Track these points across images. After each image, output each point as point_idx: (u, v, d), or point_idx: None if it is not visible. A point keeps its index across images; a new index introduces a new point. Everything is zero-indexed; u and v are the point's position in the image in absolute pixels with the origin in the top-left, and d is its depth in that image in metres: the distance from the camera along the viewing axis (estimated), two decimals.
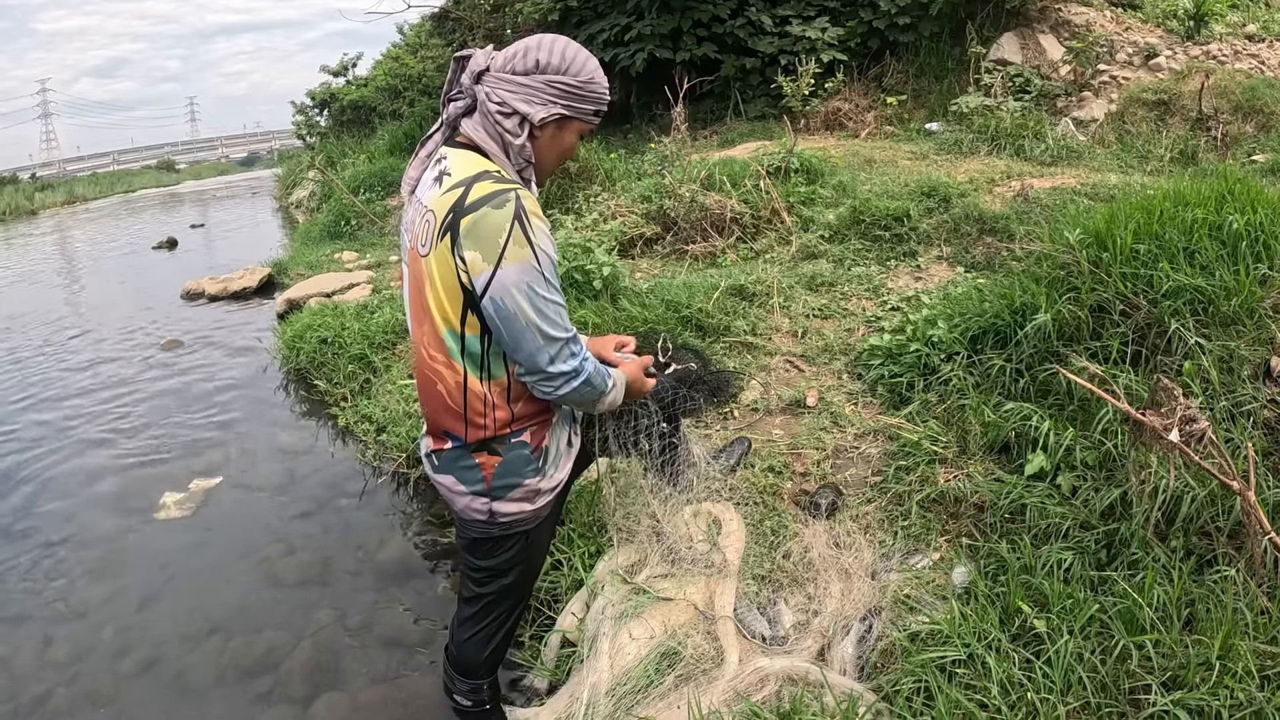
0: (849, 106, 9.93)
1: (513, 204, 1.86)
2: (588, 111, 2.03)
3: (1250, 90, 7.90)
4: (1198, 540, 2.44)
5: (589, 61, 2.00)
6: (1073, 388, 3.00)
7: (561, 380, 2.00)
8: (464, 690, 2.56)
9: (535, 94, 1.96)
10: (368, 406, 5.06)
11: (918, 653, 2.23)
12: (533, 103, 1.96)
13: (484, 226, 1.84)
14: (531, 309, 1.89)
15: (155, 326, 8.44)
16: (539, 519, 2.28)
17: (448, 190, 1.92)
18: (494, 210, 1.84)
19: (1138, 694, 2.04)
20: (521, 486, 2.19)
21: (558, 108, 1.98)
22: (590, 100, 2.01)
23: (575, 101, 1.99)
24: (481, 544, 2.29)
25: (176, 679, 3.15)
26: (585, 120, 2.05)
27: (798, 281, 4.99)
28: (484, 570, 2.34)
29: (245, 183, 31.99)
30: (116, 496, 4.68)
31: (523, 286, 1.87)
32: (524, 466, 2.18)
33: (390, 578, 3.69)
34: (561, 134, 2.04)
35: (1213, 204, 3.36)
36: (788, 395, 3.85)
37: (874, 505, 3.08)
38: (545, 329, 1.92)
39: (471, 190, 1.88)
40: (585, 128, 2.09)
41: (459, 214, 1.87)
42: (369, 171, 12.34)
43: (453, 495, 2.24)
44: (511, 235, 1.84)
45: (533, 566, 2.42)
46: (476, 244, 1.86)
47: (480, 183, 1.89)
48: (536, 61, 1.95)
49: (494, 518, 2.21)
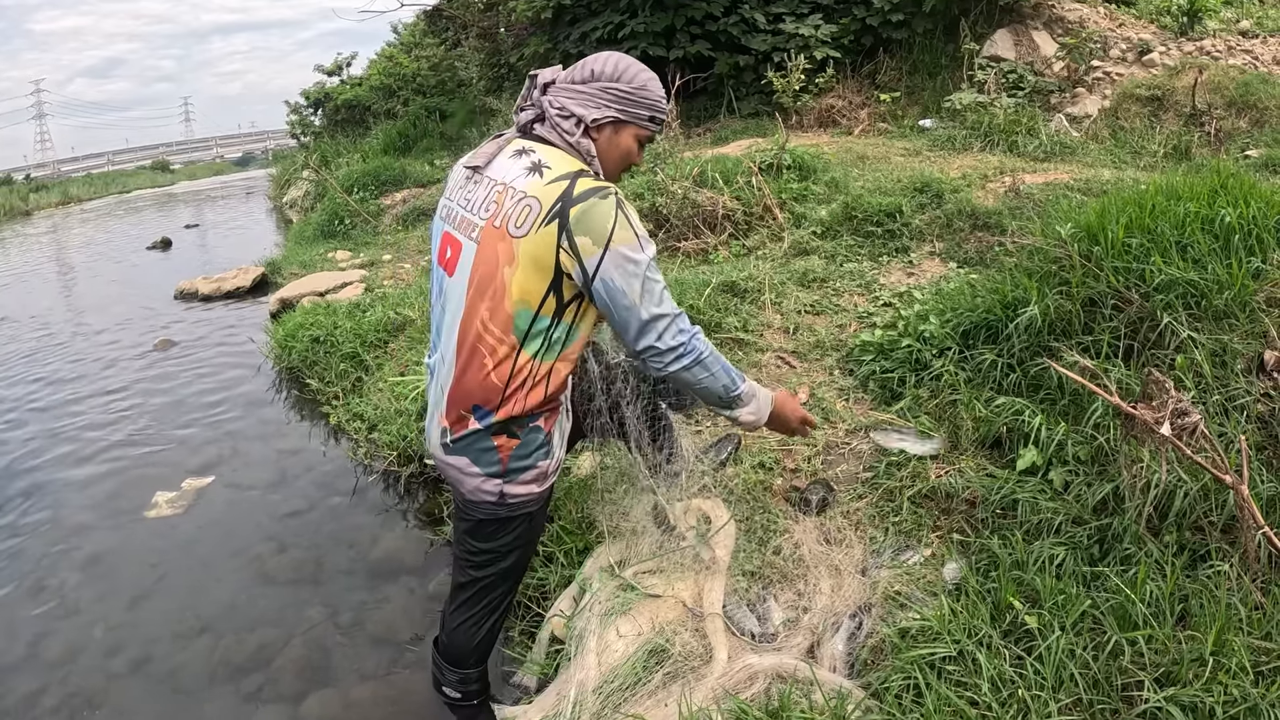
0: (842, 103, 9.92)
1: (614, 196, 2.05)
2: (642, 117, 2.21)
3: (1244, 86, 7.89)
4: (1191, 535, 2.42)
5: (642, 73, 2.21)
6: (1064, 382, 2.99)
7: (671, 356, 2.13)
8: (453, 681, 2.58)
9: (590, 99, 2.17)
10: (359, 405, 5.06)
11: (908, 649, 2.21)
12: (588, 106, 2.17)
13: (594, 215, 2.02)
14: (639, 285, 2.06)
15: (148, 326, 8.44)
16: (542, 500, 2.35)
17: (551, 181, 2.07)
18: (600, 200, 2.03)
19: (1130, 690, 2.03)
20: (534, 469, 2.26)
21: (610, 111, 2.18)
22: (643, 106, 2.20)
23: (628, 106, 2.18)
24: (486, 525, 2.33)
25: (168, 677, 3.14)
26: (640, 125, 2.23)
27: (790, 278, 4.98)
28: (484, 553, 2.37)
29: (240, 183, 31.99)
30: (108, 496, 4.67)
31: (628, 265, 2.04)
32: (537, 449, 2.24)
33: (381, 575, 3.69)
34: (618, 137, 2.22)
35: (1205, 198, 3.35)
36: None
37: (865, 501, 3.07)
38: (651, 305, 2.08)
39: (577, 184, 2.05)
40: (642, 133, 2.25)
41: (568, 203, 2.03)
42: (363, 171, 12.34)
43: (464, 477, 2.27)
44: (617, 222, 2.03)
45: (530, 550, 2.46)
46: (587, 230, 2.02)
47: (584, 179, 2.07)
48: (592, 71, 2.18)
49: (504, 499, 2.26)
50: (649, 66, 2.26)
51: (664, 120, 2.30)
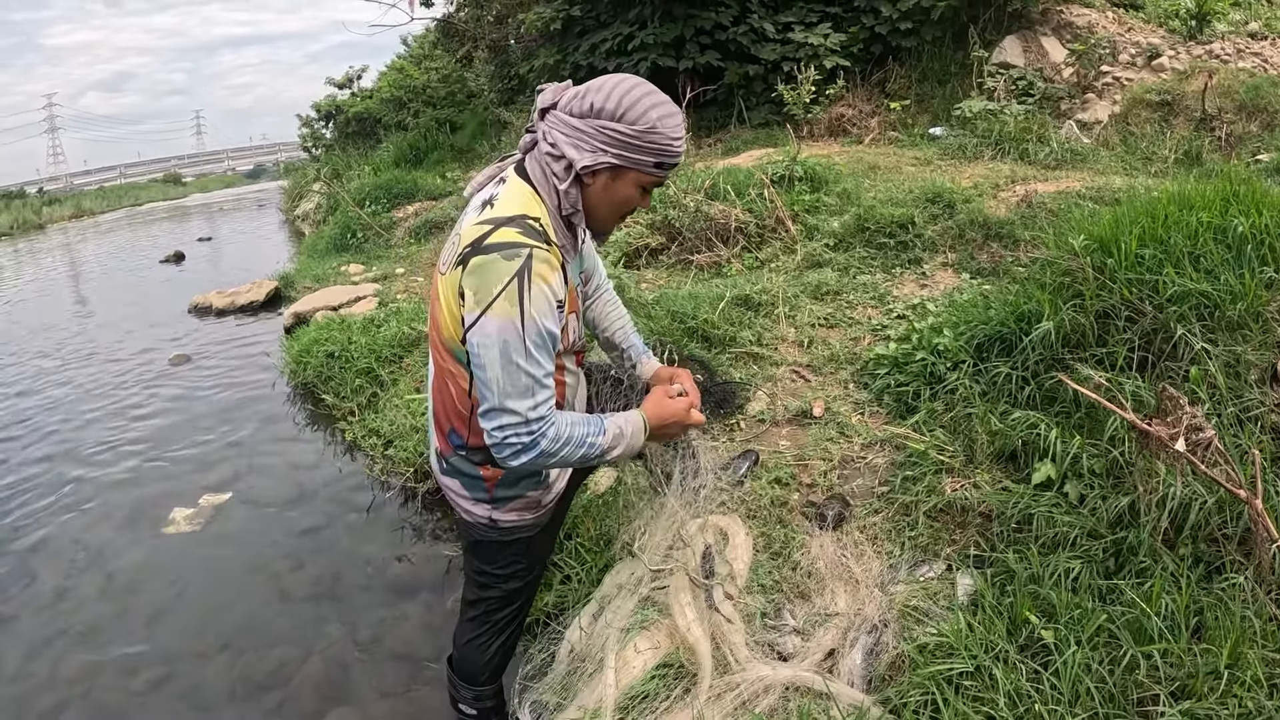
0: (852, 112, 9.92)
1: (522, 260, 1.81)
2: (646, 163, 1.89)
3: (1254, 89, 7.86)
4: (1205, 548, 2.41)
5: (651, 110, 1.85)
6: (1079, 396, 2.98)
7: (509, 452, 1.92)
8: (468, 699, 2.59)
9: (585, 139, 1.87)
10: (375, 421, 5.09)
11: (925, 665, 2.22)
12: (581, 148, 1.87)
13: (488, 271, 1.82)
14: (500, 368, 1.85)
15: (163, 342, 8.50)
16: (539, 526, 2.31)
17: (480, 222, 1.89)
18: (503, 260, 1.81)
19: (1146, 704, 2.02)
20: (523, 498, 2.22)
21: (607, 156, 1.87)
22: (649, 151, 1.87)
23: (628, 151, 1.86)
24: (484, 547, 2.32)
25: (188, 695, 3.17)
26: (644, 171, 1.91)
27: (803, 290, 4.99)
28: (486, 574, 2.38)
29: (252, 195, 32.14)
30: (126, 512, 4.71)
31: (499, 342, 1.83)
32: (525, 479, 2.19)
33: (399, 592, 3.71)
34: (615, 184, 1.93)
35: (1217, 207, 3.33)
36: (794, 406, 3.84)
37: (881, 516, 3.07)
38: (506, 395, 1.87)
39: (495, 233, 1.84)
40: (646, 179, 1.94)
41: (475, 250, 1.85)
42: (374, 184, 12.37)
43: (457, 499, 2.27)
44: (506, 290, 1.81)
45: (534, 572, 2.44)
46: (476, 286, 1.84)
47: (508, 228, 1.85)
48: (591, 105, 1.86)
49: (495, 524, 2.24)
50: (659, 77, 2.04)
51: (676, 164, 1.96)
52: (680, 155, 1.95)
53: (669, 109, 1.88)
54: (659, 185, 2.02)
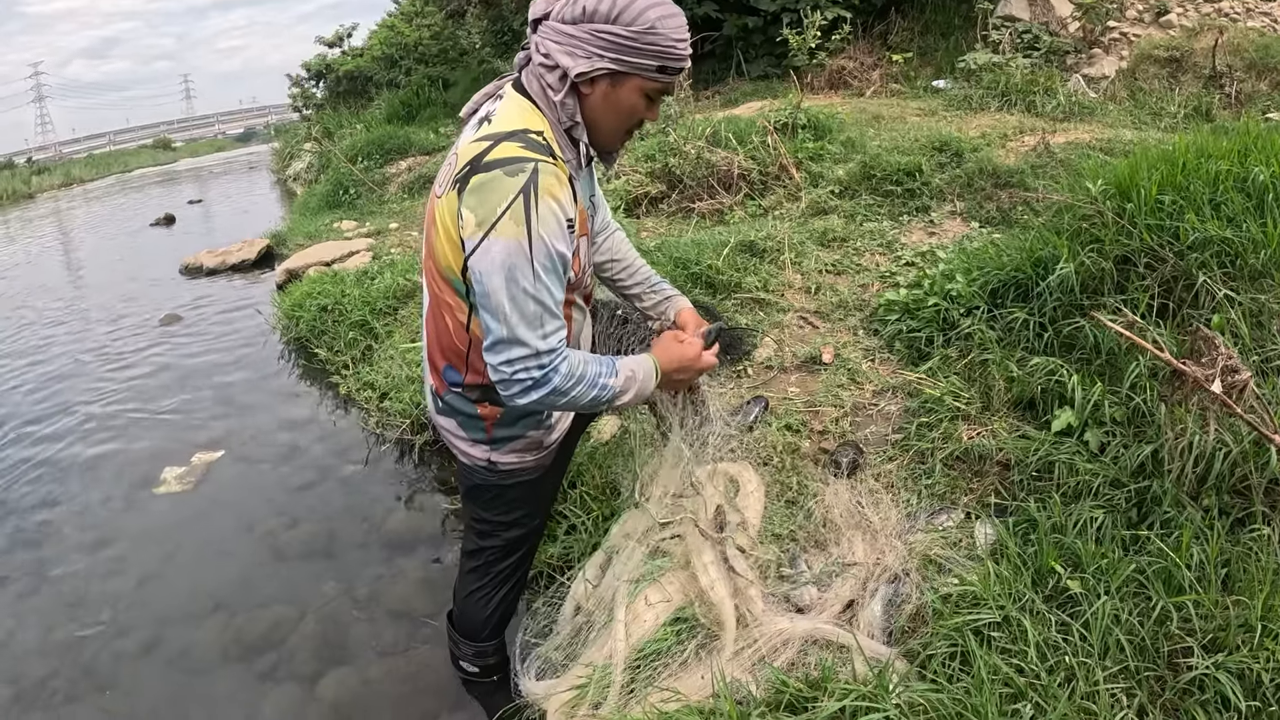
0: (854, 65, 9.74)
1: (527, 175, 1.71)
2: (647, 67, 1.78)
3: (1264, 48, 7.73)
4: (1230, 499, 2.33)
5: (651, 10, 1.74)
6: (1100, 341, 2.90)
7: (518, 388, 1.83)
8: (469, 655, 2.53)
9: (579, 46, 1.76)
10: (370, 373, 5.00)
11: (950, 616, 2.13)
12: (575, 55, 1.77)
13: (489, 190, 1.72)
14: (506, 295, 1.75)
15: (153, 302, 8.39)
16: (541, 469, 2.21)
17: (478, 139, 1.79)
18: (506, 176, 1.71)
19: (1177, 657, 1.95)
20: (523, 438, 2.12)
21: (604, 62, 1.76)
22: (649, 54, 1.76)
23: (627, 55, 1.75)
24: (483, 492, 2.23)
25: (180, 658, 3.09)
26: (646, 77, 1.80)
27: (809, 237, 4.89)
28: (487, 521, 2.29)
29: (243, 158, 31.87)
30: (116, 473, 4.63)
31: (504, 268, 1.74)
32: (525, 418, 2.09)
33: (397, 547, 3.63)
34: (616, 92, 1.82)
35: (1236, 156, 3.26)
36: (803, 352, 3.77)
37: (896, 463, 2.99)
38: (514, 325, 1.77)
39: (496, 149, 1.75)
40: (650, 86, 1.83)
41: (474, 169, 1.74)
42: (367, 140, 12.27)
43: (454, 440, 2.17)
44: (511, 208, 1.71)
45: (537, 520, 2.35)
46: (477, 206, 1.74)
47: (508, 142, 1.75)
48: (584, 9, 1.75)
49: (493, 466, 2.14)
50: None
51: (681, 68, 1.83)
52: (685, 59, 1.82)
53: (669, 8, 1.77)
54: (666, 93, 1.89)
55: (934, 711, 1.84)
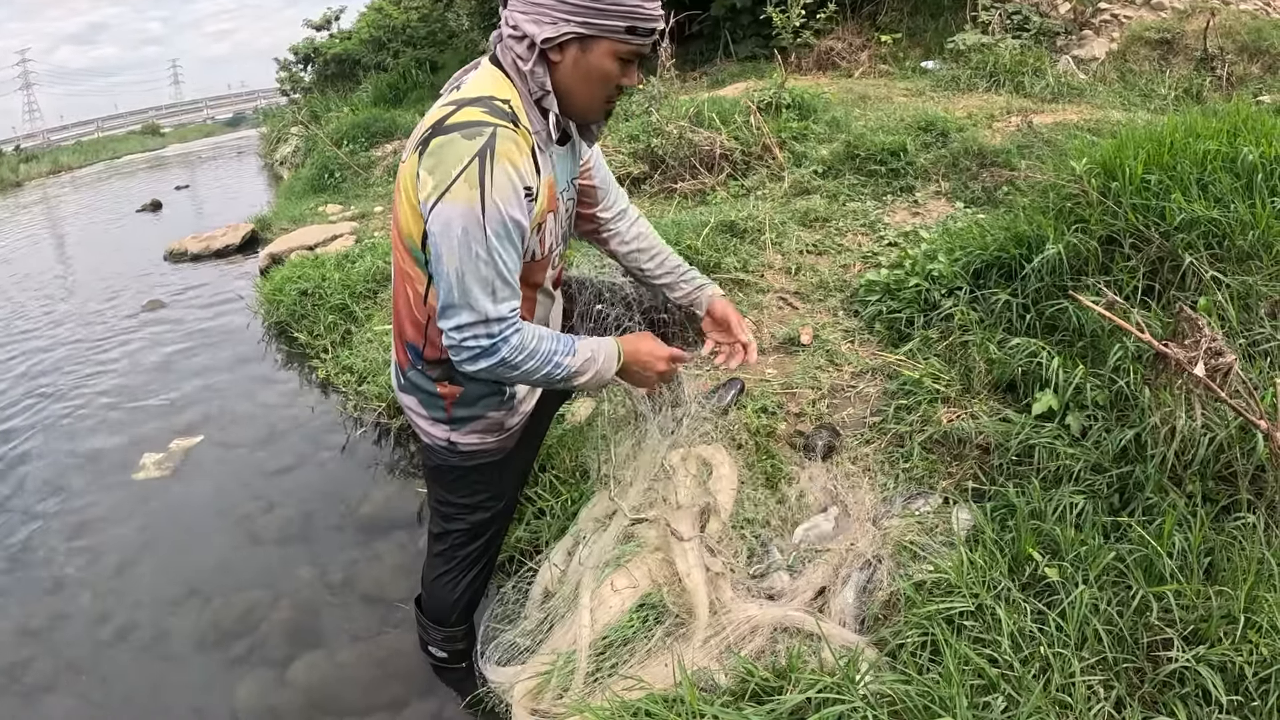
0: (842, 45, 9.67)
1: (484, 139, 1.69)
2: (616, 29, 1.73)
3: (1256, 31, 7.69)
4: (1215, 485, 2.30)
5: None
6: (1083, 323, 2.87)
7: (466, 355, 1.80)
8: (438, 640, 2.51)
9: (544, 12, 1.73)
10: (349, 357, 4.95)
11: (923, 603, 2.09)
12: (541, 22, 1.73)
13: (447, 151, 1.69)
14: (459, 259, 1.72)
15: (137, 287, 8.31)
16: (504, 451, 2.17)
17: (446, 103, 1.79)
18: (463, 139, 1.69)
19: (1157, 649, 1.91)
20: (483, 419, 2.08)
21: (570, 26, 1.72)
22: (615, 14, 1.71)
23: (593, 17, 1.71)
24: (445, 474, 2.20)
25: (155, 644, 3.06)
26: (616, 39, 1.75)
27: (790, 217, 4.84)
28: (451, 505, 2.26)
29: (232, 143, 31.72)
30: (95, 458, 4.58)
31: (456, 231, 1.71)
32: (486, 398, 2.05)
33: (372, 531, 3.60)
34: (587, 57, 1.77)
35: (1225, 136, 3.22)
36: (781, 333, 3.73)
37: (873, 447, 2.95)
38: (465, 289, 1.74)
39: (459, 112, 1.73)
40: (622, 48, 1.77)
41: (435, 131, 1.72)
42: (353, 123, 12.16)
43: (415, 418, 2.15)
44: (465, 171, 1.68)
45: (501, 503, 2.31)
46: (434, 167, 1.71)
47: (471, 107, 1.73)
48: None
49: (454, 446, 2.11)
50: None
51: (652, 29, 1.78)
52: (656, 19, 1.78)
53: None
54: (640, 55, 1.84)
55: (902, 703, 1.79)
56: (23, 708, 2.82)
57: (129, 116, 58.37)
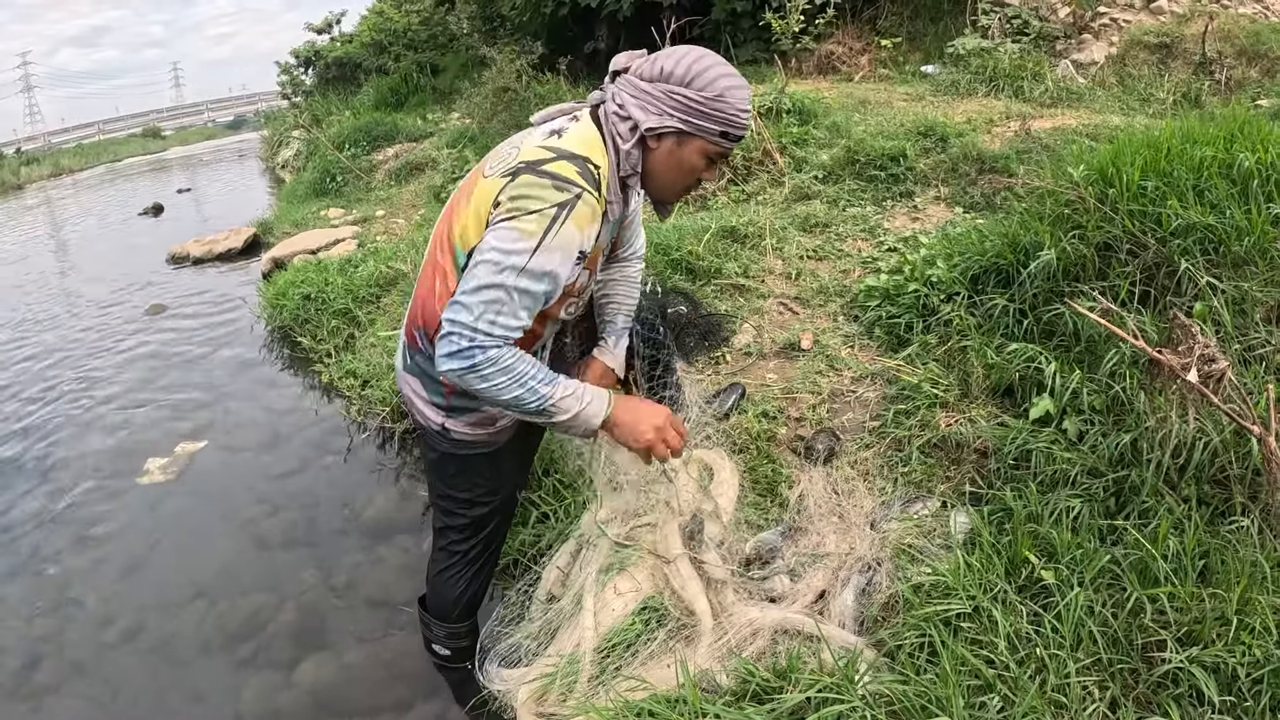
0: (842, 50, 9.70)
1: (569, 197, 1.82)
2: (711, 131, 1.90)
3: (1255, 35, 7.71)
4: (1210, 489, 2.33)
5: (720, 79, 1.87)
6: (1079, 328, 2.89)
7: (445, 348, 1.84)
8: (441, 637, 2.57)
9: (652, 102, 1.89)
10: (352, 362, 4.97)
11: (921, 605, 2.13)
12: (647, 110, 1.90)
13: (534, 191, 1.82)
14: (487, 270, 1.82)
15: (140, 292, 8.32)
16: (495, 445, 2.24)
17: (545, 146, 1.90)
18: (552, 188, 1.82)
19: (1151, 650, 1.95)
20: (478, 412, 2.16)
21: (672, 120, 1.89)
22: (714, 119, 1.88)
23: (694, 117, 1.87)
24: (442, 465, 2.28)
25: (161, 647, 3.09)
26: (710, 140, 1.91)
27: (791, 223, 4.87)
28: (449, 499, 2.34)
29: (233, 146, 31.71)
30: (100, 463, 4.60)
31: (502, 252, 1.81)
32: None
33: (376, 535, 3.63)
34: (681, 150, 1.93)
35: (1222, 142, 3.24)
36: (782, 338, 3.76)
37: (872, 451, 2.98)
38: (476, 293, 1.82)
39: (555, 163, 1.85)
40: (711, 148, 1.94)
41: (530, 169, 1.85)
42: (354, 126, 12.18)
43: (414, 398, 2.22)
44: (539, 214, 1.80)
45: (498, 499, 2.37)
46: (515, 197, 1.83)
47: (569, 163, 1.86)
48: (662, 69, 1.89)
49: (447, 432, 2.18)
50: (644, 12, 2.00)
51: (741, 136, 1.96)
52: (746, 128, 1.95)
53: (738, 80, 1.90)
54: (724, 157, 2.01)
55: (900, 703, 1.83)
56: (30, 710, 2.85)
57: (130, 119, 58.14)
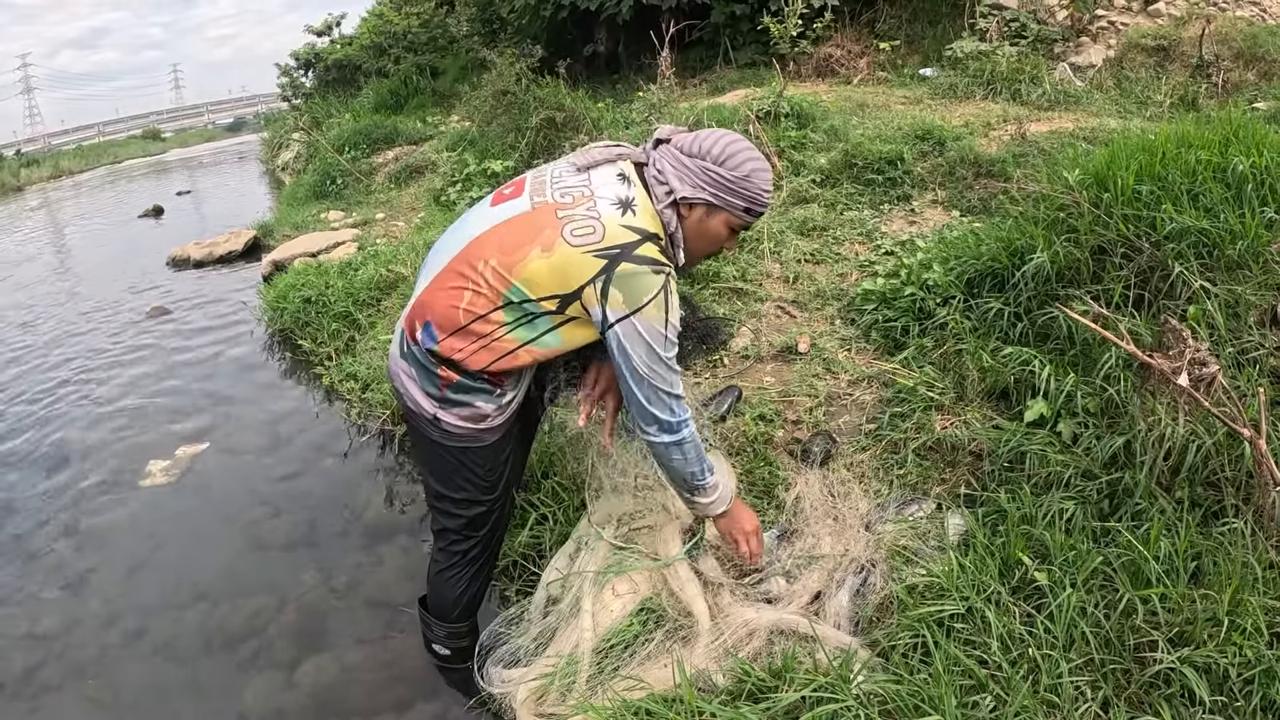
0: (841, 53, 9.72)
1: (664, 277, 2.06)
2: (737, 206, 2.15)
3: (1252, 38, 7.72)
4: (1203, 491, 2.35)
5: (749, 161, 2.12)
6: (1074, 331, 2.91)
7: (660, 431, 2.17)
8: (441, 637, 2.63)
9: (689, 174, 2.12)
10: (352, 365, 5.00)
11: (915, 606, 2.15)
12: (684, 180, 2.13)
13: (640, 281, 2.03)
14: (646, 358, 2.08)
15: (140, 294, 8.33)
16: (483, 442, 2.33)
17: (627, 226, 2.06)
18: (652, 274, 2.04)
19: (1143, 650, 1.97)
20: (470, 407, 2.25)
21: (704, 193, 2.12)
22: (741, 196, 2.13)
23: (723, 193, 2.12)
24: (441, 461, 2.35)
25: (163, 648, 3.11)
26: (734, 214, 2.16)
27: (788, 226, 4.90)
28: (445, 499, 2.41)
29: (233, 147, 31.67)
30: (102, 466, 4.61)
31: (645, 339, 2.07)
32: (479, 390, 2.24)
33: (376, 536, 3.66)
34: (709, 220, 2.17)
35: (1217, 146, 3.26)
36: (779, 341, 3.78)
37: (869, 453, 3.00)
38: (656, 382, 2.11)
39: (642, 247, 2.05)
40: (736, 222, 2.20)
41: (624, 257, 2.03)
42: (354, 129, 12.12)
43: (409, 383, 2.29)
44: (655, 300, 2.05)
45: (493, 497, 2.45)
46: (625, 290, 2.03)
47: (652, 245, 2.07)
48: (701, 147, 2.13)
49: (438, 422, 2.27)
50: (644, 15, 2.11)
51: (762, 212, 2.24)
52: (768, 206, 2.25)
53: (764, 165, 2.16)
54: (744, 229, 2.30)
55: (893, 702, 1.85)
56: (32, 710, 2.87)
57: (130, 121, 58.08)
